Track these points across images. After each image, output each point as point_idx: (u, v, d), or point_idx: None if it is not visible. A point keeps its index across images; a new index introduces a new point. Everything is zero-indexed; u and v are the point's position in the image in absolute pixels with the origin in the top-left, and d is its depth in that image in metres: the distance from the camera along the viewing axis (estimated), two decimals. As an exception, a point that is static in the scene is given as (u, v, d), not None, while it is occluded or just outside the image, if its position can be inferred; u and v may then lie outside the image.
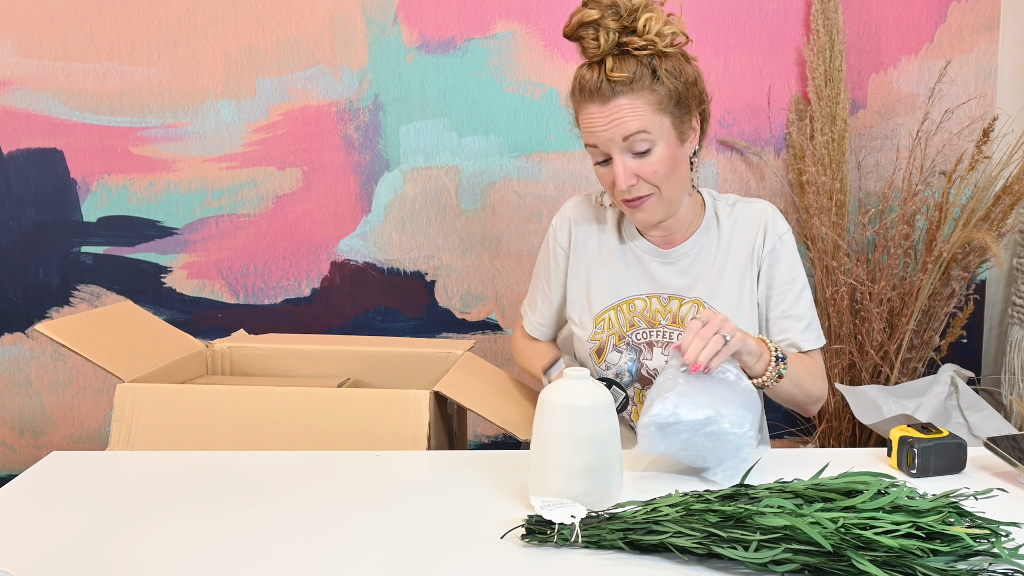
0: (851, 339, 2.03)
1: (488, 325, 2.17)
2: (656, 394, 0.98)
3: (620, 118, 1.13)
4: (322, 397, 1.23)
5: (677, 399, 0.95)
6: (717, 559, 0.77)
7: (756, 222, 1.27)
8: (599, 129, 1.15)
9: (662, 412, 0.95)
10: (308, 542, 0.83)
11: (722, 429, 0.94)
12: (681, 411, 0.94)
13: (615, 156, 1.16)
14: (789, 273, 1.27)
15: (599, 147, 1.17)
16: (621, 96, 1.13)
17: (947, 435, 1.00)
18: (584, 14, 1.12)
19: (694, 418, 0.94)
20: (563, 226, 1.34)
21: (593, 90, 1.14)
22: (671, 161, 1.17)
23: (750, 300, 1.26)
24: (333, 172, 2.11)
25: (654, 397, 0.98)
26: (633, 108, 1.13)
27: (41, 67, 2.06)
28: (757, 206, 1.29)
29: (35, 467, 1.04)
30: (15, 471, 2.19)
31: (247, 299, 2.16)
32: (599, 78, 1.13)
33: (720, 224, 1.29)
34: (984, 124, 1.97)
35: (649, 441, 0.96)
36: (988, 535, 0.73)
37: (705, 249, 1.27)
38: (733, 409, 0.95)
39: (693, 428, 0.94)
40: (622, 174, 1.16)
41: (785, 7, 2.07)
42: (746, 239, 1.27)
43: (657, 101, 1.14)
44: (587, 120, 1.16)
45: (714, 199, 1.31)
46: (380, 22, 2.06)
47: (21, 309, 2.15)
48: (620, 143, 1.15)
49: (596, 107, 1.14)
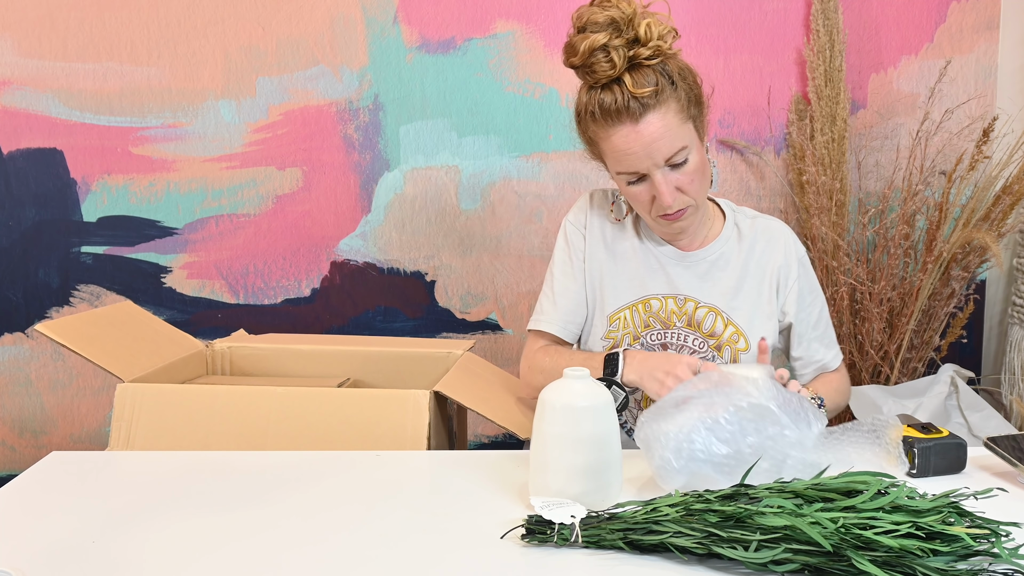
0: (851, 339, 2.03)
1: (488, 325, 2.17)
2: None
3: (659, 139, 1.11)
4: (322, 397, 1.23)
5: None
6: (717, 559, 0.77)
7: (778, 242, 1.29)
8: (639, 153, 1.11)
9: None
10: (308, 542, 0.83)
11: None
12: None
13: (656, 175, 1.13)
14: (814, 299, 1.31)
15: (638, 170, 1.14)
16: (651, 112, 1.10)
17: (947, 435, 1.00)
18: (592, 40, 1.08)
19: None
20: (580, 215, 1.31)
21: (621, 110, 1.10)
22: (702, 166, 1.17)
23: (767, 314, 1.27)
24: (333, 172, 2.11)
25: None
26: (666, 124, 1.11)
27: (41, 67, 2.06)
28: (776, 225, 1.32)
29: (35, 467, 1.04)
30: (15, 471, 2.19)
31: (247, 299, 2.16)
32: (624, 97, 1.09)
33: (742, 236, 1.29)
34: (984, 124, 1.97)
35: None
36: (988, 535, 0.73)
37: (725, 257, 1.28)
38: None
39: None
40: (667, 191, 1.13)
41: (785, 7, 2.07)
42: (767, 255, 1.28)
43: (681, 109, 1.13)
44: (621, 144, 1.12)
45: (733, 210, 1.32)
46: (380, 22, 2.06)
47: (21, 309, 2.15)
48: (661, 164, 1.13)
49: (628, 128, 1.11)
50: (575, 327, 1.30)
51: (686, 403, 0.92)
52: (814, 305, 1.31)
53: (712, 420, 0.89)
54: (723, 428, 0.88)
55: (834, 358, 1.33)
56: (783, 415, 0.89)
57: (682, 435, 0.88)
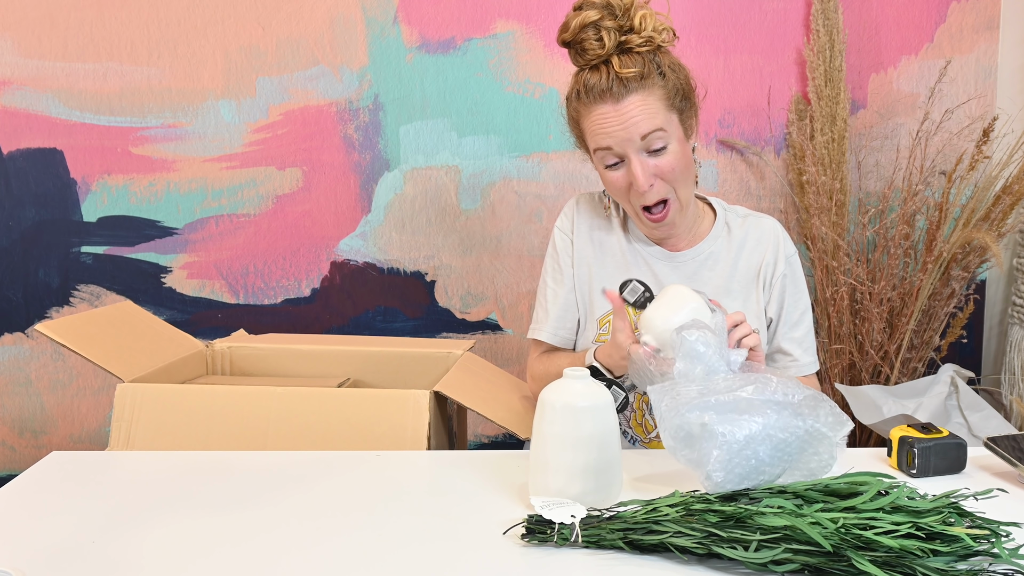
0: (851, 339, 2.03)
1: (488, 325, 2.17)
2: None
3: (636, 116, 1.11)
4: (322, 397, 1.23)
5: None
6: (717, 559, 0.77)
7: (768, 239, 1.28)
8: (614, 129, 1.12)
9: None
10: (307, 544, 0.83)
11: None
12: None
13: (632, 156, 1.13)
14: (797, 299, 1.28)
15: (613, 149, 1.14)
16: (634, 93, 1.11)
17: (947, 435, 1.00)
18: (584, 16, 1.11)
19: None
20: (567, 220, 1.32)
21: (604, 90, 1.12)
22: (684, 160, 1.17)
23: (756, 313, 1.26)
24: (333, 172, 2.11)
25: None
26: (646, 105, 1.12)
27: (41, 67, 2.06)
28: (767, 222, 1.30)
29: (35, 467, 1.04)
30: (15, 471, 2.19)
31: (247, 299, 2.16)
32: (608, 78, 1.11)
33: (731, 235, 1.28)
34: (984, 124, 1.97)
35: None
36: (988, 535, 0.73)
37: (714, 257, 1.27)
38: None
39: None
40: (641, 173, 1.13)
41: (785, 7, 2.07)
42: (756, 254, 1.27)
43: (666, 96, 1.13)
44: (599, 121, 1.14)
45: (724, 209, 1.31)
46: (380, 22, 2.06)
47: (21, 309, 2.15)
48: (637, 142, 1.13)
49: (609, 107, 1.12)
50: (568, 332, 1.30)
51: (744, 404, 0.85)
52: (796, 305, 1.28)
53: (775, 437, 0.83)
54: (785, 448, 0.83)
55: (808, 364, 1.28)
56: (836, 444, 0.85)
57: (748, 449, 0.82)
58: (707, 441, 0.82)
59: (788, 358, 1.28)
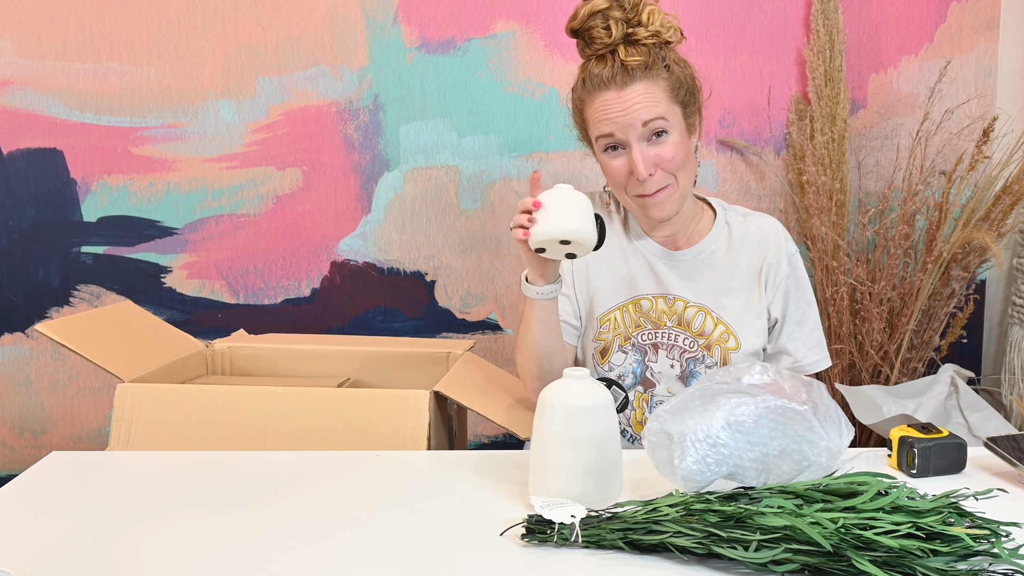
0: (851, 339, 2.03)
1: (488, 325, 2.17)
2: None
3: (639, 103, 1.13)
4: (322, 397, 1.23)
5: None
6: (717, 559, 0.77)
7: (768, 239, 1.28)
8: (617, 115, 1.14)
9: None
10: (307, 544, 0.83)
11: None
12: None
13: (633, 143, 1.15)
14: (800, 299, 1.28)
15: (615, 135, 1.15)
16: (638, 82, 1.13)
17: (947, 435, 1.00)
18: (593, 4, 1.13)
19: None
20: None
21: (608, 78, 1.14)
22: (685, 151, 1.17)
23: (757, 312, 1.26)
24: (333, 172, 2.11)
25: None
26: (650, 94, 1.13)
27: (41, 67, 2.06)
28: (768, 222, 1.30)
29: (35, 467, 1.04)
30: (15, 471, 2.19)
31: (247, 299, 2.16)
32: (614, 66, 1.13)
33: (732, 233, 1.29)
34: (984, 124, 1.97)
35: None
36: (988, 535, 0.73)
37: (714, 256, 1.27)
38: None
39: None
40: (641, 160, 1.14)
41: (785, 7, 2.07)
42: (757, 254, 1.27)
43: (670, 88, 1.15)
44: (602, 107, 1.15)
45: (724, 208, 1.31)
46: (380, 22, 2.06)
47: (21, 309, 2.15)
48: (639, 129, 1.14)
49: (612, 94, 1.14)
50: (568, 328, 1.30)
51: (710, 400, 0.87)
52: (800, 304, 1.28)
53: (739, 422, 0.85)
54: (752, 432, 0.84)
55: (813, 363, 1.28)
56: (814, 419, 0.86)
57: (709, 440, 0.84)
58: (677, 442, 0.85)
59: (791, 358, 1.29)
